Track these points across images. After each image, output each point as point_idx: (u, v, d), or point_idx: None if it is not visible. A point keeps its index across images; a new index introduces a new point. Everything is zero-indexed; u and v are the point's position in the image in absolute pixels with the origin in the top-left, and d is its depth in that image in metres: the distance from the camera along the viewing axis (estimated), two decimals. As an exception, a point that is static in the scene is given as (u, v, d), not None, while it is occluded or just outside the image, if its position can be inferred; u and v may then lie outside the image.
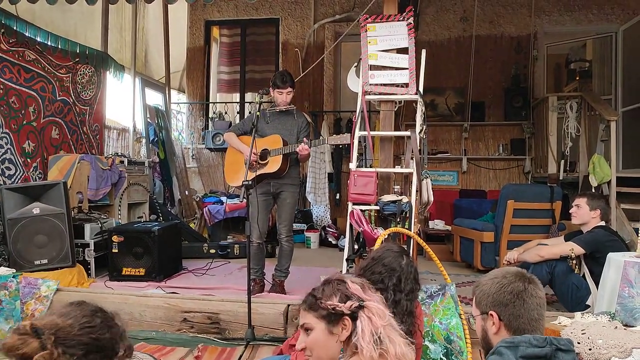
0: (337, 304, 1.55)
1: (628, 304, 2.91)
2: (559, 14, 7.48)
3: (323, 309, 1.57)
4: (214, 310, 3.53)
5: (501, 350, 1.53)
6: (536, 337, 1.56)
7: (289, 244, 4.23)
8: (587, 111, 5.88)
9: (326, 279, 1.67)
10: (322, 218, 7.08)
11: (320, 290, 1.62)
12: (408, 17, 4.16)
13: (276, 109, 4.17)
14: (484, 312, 1.69)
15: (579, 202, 3.67)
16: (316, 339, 1.59)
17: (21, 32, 4.96)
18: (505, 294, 1.65)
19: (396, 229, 3.58)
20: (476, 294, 1.74)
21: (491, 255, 5.13)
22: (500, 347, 1.55)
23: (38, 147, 5.18)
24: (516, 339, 1.55)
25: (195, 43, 8.45)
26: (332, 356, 1.59)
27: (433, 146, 7.61)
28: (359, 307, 1.54)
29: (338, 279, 1.64)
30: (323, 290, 1.61)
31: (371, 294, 1.60)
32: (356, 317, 1.54)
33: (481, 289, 1.72)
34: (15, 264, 4.08)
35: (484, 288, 1.71)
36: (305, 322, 1.62)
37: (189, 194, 7.75)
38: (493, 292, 1.67)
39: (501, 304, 1.65)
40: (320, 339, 1.58)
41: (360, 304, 1.55)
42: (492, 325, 1.66)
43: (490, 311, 1.66)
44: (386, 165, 4.24)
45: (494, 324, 1.65)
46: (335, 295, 1.58)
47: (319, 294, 1.61)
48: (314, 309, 1.60)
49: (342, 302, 1.56)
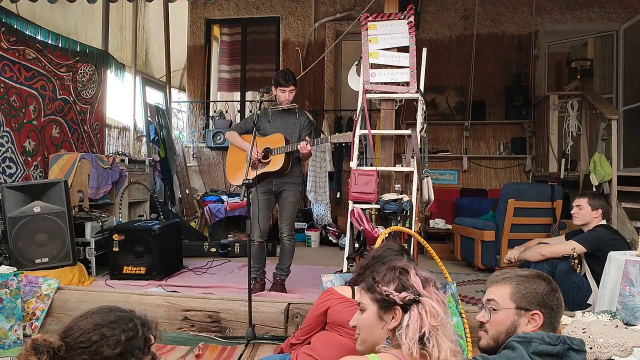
0: (392, 291, 1.51)
1: (629, 303, 2.91)
2: (560, 13, 7.47)
3: (378, 293, 1.54)
4: (214, 309, 3.53)
5: (513, 345, 1.51)
6: (549, 334, 1.54)
7: (291, 242, 4.23)
8: (588, 110, 5.87)
9: (393, 264, 1.61)
10: (322, 217, 7.09)
11: (382, 274, 1.58)
12: (409, 15, 4.16)
13: (278, 107, 4.17)
14: (524, 309, 1.63)
15: (580, 202, 3.65)
16: (366, 320, 1.57)
17: (21, 31, 4.96)
18: (554, 299, 1.63)
19: (397, 228, 3.58)
20: (515, 287, 1.66)
21: (492, 254, 5.13)
22: (512, 341, 1.53)
23: (39, 145, 5.18)
24: (529, 335, 1.53)
25: (196, 42, 8.44)
26: (377, 341, 1.56)
27: (434, 145, 7.60)
28: (413, 300, 1.49)
29: (403, 267, 1.58)
30: (384, 275, 1.57)
31: (432, 291, 1.53)
32: (408, 309, 1.49)
33: (525, 286, 1.65)
34: (16, 263, 4.08)
35: (530, 286, 1.64)
36: (361, 301, 1.61)
37: (190, 193, 7.76)
38: (544, 294, 1.63)
39: (550, 307, 1.62)
40: (369, 321, 1.56)
41: (415, 298, 1.49)
42: (527, 324, 1.61)
43: (536, 310, 1.61)
44: (387, 164, 4.24)
45: (531, 323, 1.61)
46: (394, 283, 1.53)
47: (378, 277, 1.57)
48: (370, 291, 1.57)
49: (397, 291, 1.51)
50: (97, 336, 1.39)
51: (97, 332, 1.39)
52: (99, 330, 1.40)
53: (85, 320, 1.42)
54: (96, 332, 1.39)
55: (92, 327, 1.40)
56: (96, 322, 1.41)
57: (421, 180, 3.98)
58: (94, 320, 1.42)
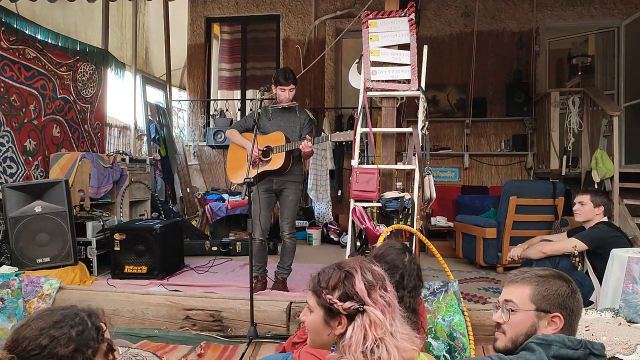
0: (336, 300, 1.45)
1: (632, 300, 2.90)
2: (561, 9, 7.45)
3: (323, 299, 1.48)
4: (216, 308, 3.53)
5: (533, 347, 1.48)
6: (570, 338, 1.51)
7: (292, 240, 4.23)
8: (589, 106, 5.85)
9: (340, 264, 1.54)
10: (323, 215, 7.08)
11: (326, 278, 1.50)
12: (409, 12, 4.15)
13: (278, 105, 4.16)
14: (545, 311, 1.59)
15: (582, 199, 3.64)
16: (313, 322, 1.52)
17: (21, 30, 4.95)
18: (575, 301, 1.60)
19: (398, 226, 3.57)
20: (537, 289, 1.61)
21: (494, 252, 5.13)
22: (531, 343, 1.49)
23: (39, 145, 5.17)
24: (549, 337, 1.50)
25: (196, 40, 8.43)
26: (326, 343, 1.52)
27: (435, 142, 7.58)
28: (357, 310, 1.43)
29: (348, 270, 1.50)
30: (329, 279, 1.49)
31: (377, 297, 1.46)
32: (353, 319, 1.44)
33: (547, 287, 1.61)
34: (18, 263, 4.09)
35: (552, 287, 1.60)
36: (308, 301, 1.55)
37: (191, 192, 7.76)
38: (565, 295, 1.59)
39: (571, 310, 1.59)
40: (316, 324, 1.51)
41: (358, 308, 1.43)
42: (547, 326, 1.58)
43: (557, 313, 1.58)
44: (388, 162, 4.23)
45: (551, 325, 1.58)
46: (338, 290, 1.46)
47: (323, 281, 1.50)
48: (316, 294, 1.51)
49: (341, 300, 1.45)
50: (47, 339, 1.37)
51: (45, 336, 1.37)
52: (46, 333, 1.38)
53: (28, 328, 1.40)
54: (44, 335, 1.37)
55: (39, 333, 1.38)
56: (41, 326, 1.39)
57: (423, 178, 3.97)
58: (38, 325, 1.39)
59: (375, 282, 1.49)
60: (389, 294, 1.50)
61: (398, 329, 1.45)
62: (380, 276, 1.53)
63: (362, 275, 1.49)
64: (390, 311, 1.46)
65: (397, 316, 1.48)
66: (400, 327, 1.46)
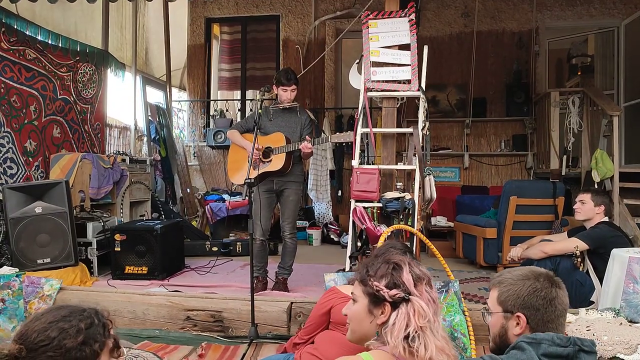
0: (383, 287, 1.50)
1: (633, 300, 2.90)
2: (561, 9, 7.45)
3: (370, 286, 1.53)
4: (217, 309, 3.52)
5: (523, 346, 1.51)
6: (559, 336, 1.53)
7: (293, 241, 4.23)
8: (589, 106, 5.86)
9: (389, 257, 1.59)
10: (324, 215, 7.08)
11: (376, 267, 1.56)
12: (409, 13, 4.15)
13: (279, 106, 4.16)
14: (509, 311, 1.64)
15: (583, 197, 3.64)
16: (357, 312, 1.57)
17: (22, 31, 4.95)
18: (538, 298, 1.61)
19: (399, 226, 3.57)
20: (500, 291, 1.68)
21: (494, 252, 5.13)
22: (521, 342, 1.52)
23: (39, 146, 5.17)
24: (538, 336, 1.53)
25: (196, 40, 8.43)
26: (366, 333, 1.56)
27: (435, 142, 7.59)
28: (402, 299, 1.48)
29: (397, 262, 1.55)
30: (378, 268, 1.55)
31: (423, 290, 1.51)
32: (397, 307, 1.48)
33: (508, 288, 1.66)
34: (18, 263, 4.09)
35: (512, 288, 1.65)
36: (354, 292, 1.60)
37: (191, 192, 7.76)
38: (524, 295, 1.62)
39: (532, 307, 1.61)
40: (359, 313, 1.56)
41: (404, 297, 1.48)
42: (515, 326, 1.62)
43: (518, 313, 1.61)
44: (389, 162, 4.23)
45: (519, 325, 1.61)
46: (385, 278, 1.51)
47: (372, 270, 1.56)
48: (363, 283, 1.56)
49: (388, 287, 1.50)
50: (56, 331, 1.38)
51: (54, 328, 1.39)
52: (55, 325, 1.39)
53: (37, 321, 1.42)
54: (52, 328, 1.39)
55: (47, 325, 1.39)
56: (49, 320, 1.41)
57: (423, 178, 3.97)
58: (47, 319, 1.41)
59: (423, 277, 1.54)
60: (433, 292, 1.55)
61: (440, 328, 1.49)
62: (428, 274, 1.57)
63: (410, 268, 1.54)
64: (434, 307, 1.50)
65: (440, 316, 1.53)
66: (442, 329, 1.51)
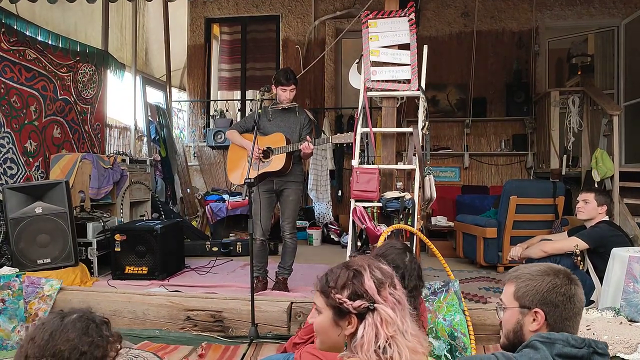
0: (345, 300, 1.42)
1: (633, 299, 2.90)
2: (561, 9, 7.45)
3: (332, 299, 1.45)
4: (217, 309, 3.52)
5: (536, 345, 1.49)
6: (574, 336, 1.51)
7: (293, 240, 4.23)
8: (589, 106, 5.86)
9: (347, 263, 1.51)
10: (324, 215, 7.08)
11: (335, 278, 1.47)
12: (409, 12, 4.15)
13: (278, 106, 4.16)
14: (526, 307, 1.62)
15: (587, 197, 3.63)
16: (322, 323, 1.49)
17: (22, 32, 4.95)
18: (558, 295, 1.59)
19: (399, 226, 3.57)
20: (518, 286, 1.65)
21: (494, 251, 5.13)
22: (535, 340, 1.50)
23: (40, 146, 5.17)
24: (553, 336, 1.51)
25: (196, 41, 8.43)
26: (336, 344, 1.49)
27: (435, 142, 7.58)
28: (367, 309, 1.41)
29: (357, 268, 1.47)
30: (337, 278, 1.46)
31: (387, 295, 1.44)
32: (363, 318, 1.41)
33: (527, 283, 1.63)
34: (18, 264, 4.08)
35: (531, 283, 1.63)
36: (316, 303, 1.52)
37: (191, 192, 7.76)
38: (543, 290, 1.60)
39: (551, 304, 1.59)
40: (325, 325, 1.48)
41: (369, 307, 1.41)
42: (532, 322, 1.60)
43: (536, 308, 1.59)
44: (388, 162, 4.23)
45: (536, 321, 1.60)
46: (347, 289, 1.44)
47: (332, 281, 1.47)
48: (324, 294, 1.48)
49: (351, 299, 1.42)
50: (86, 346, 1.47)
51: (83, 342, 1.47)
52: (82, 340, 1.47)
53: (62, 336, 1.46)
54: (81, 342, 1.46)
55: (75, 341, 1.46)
56: (73, 335, 1.47)
57: (423, 177, 3.97)
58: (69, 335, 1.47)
59: (385, 280, 1.47)
60: (398, 291, 1.48)
61: (409, 328, 1.43)
62: (389, 274, 1.51)
63: (371, 273, 1.47)
64: (400, 309, 1.44)
65: (407, 315, 1.47)
66: (410, 327, 1.45)
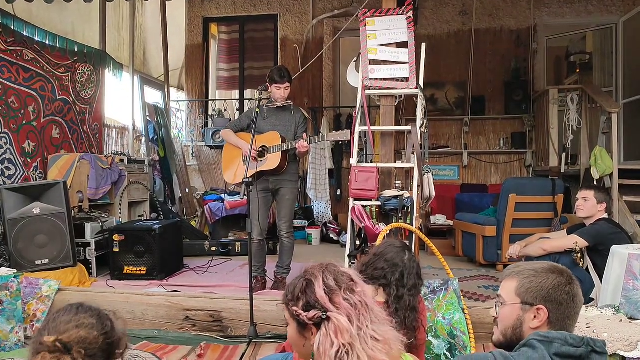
0: (301, 312, 1.41)
1: (633, 297, 2.90)
2: (559, 6, 7.45)
3: (290, 311, 1.45)
4: (216, 309, 3.52)
5: (534, 344, 1.47)
6: (572, 335, 1.50)
7: (290, 240, 4.22)
8: (588, 104, 5.85)
9: (304, 271, 1.49)
10: (323, 214, 7.08)
11: (292, 289, 1.47)
12: (407, 10, 4.14)
13: (273, 104, 4.15)
14: (528, 303, 1.60)
15: (586, 194, 3.62)
16: (291, 335, 1.50)
17: (19, 32, 4.94)
18: (563, 293, 1.58)
19: (398, 225, 3.56)
20: (521, 282, 1.62)
21: (493, 250, 5.12)
22: (532, 339, 1.49)
23: (38, 146, 5.16)
24: (551, 334, 1.49)
25: (194, 40, 8.42)
26: (307, 355, 1.49)
27: (434, 141, 7.59)
28: (321, 318, 1.38)
29: (309, 278, 1.45)
30: (294, 290, 1.46)
31: (341, 301, 1.40)
32: (320, 327, 1.39)
33: (531, 280, 1.61)
34: (16, 264, 4.08)
35: (536, 280, 1.61)
36: (285, 314, 1.50)
37: (190, 192, 7.75)
38: (548, 287, 1.59)
39: (556, 301, 1.58)
40: (293, 336, 1.48)
41: (322, 316, 1.38)
42: (533, 319, 1.58)
43: (540, 305, 1.58)
44: (387, 161, 4.22)
45: (537, 318, 1.58)
46: (301, 299, 1.42)
47: (289, 293, 1.47)
48: (286, 307, 1.48)
49: (305, 310, 1.41)
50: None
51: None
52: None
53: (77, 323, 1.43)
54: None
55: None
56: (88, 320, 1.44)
57: (422, 176, 3.96)
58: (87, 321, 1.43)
59: (338, 286, 1.42)
60: (356, 295, 1.43)
61: (370, 332, 1.38)
62: (346, 278, 1.46)
63: (323, 281, 1.43)
64: (357, 314, 1.39)
65: (372, 317, 1.42)
66: (378, 329, 1.40)
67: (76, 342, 1.36)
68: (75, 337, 1.36)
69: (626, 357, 2.51)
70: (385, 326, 1.44)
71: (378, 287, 2.22)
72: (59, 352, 1.32)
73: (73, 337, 1.36)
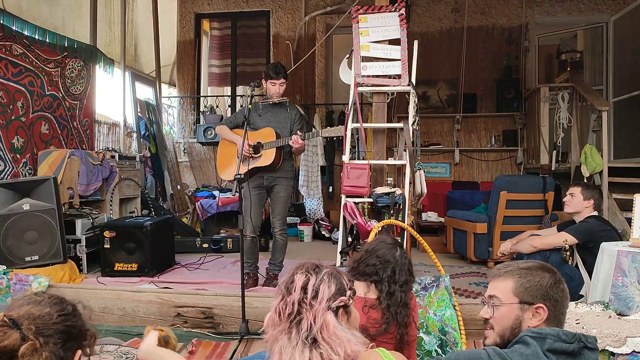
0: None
1: (622, 293, 2.92)
2: (550, 5, 7.49)
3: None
4: (207, 305, 3.52)
5: (527, 340, 1.48)
6: (565, 331, 1.50)
7: (283, 237, 4.22)
8: (578, 102, 5.90)
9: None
10: (315, 211, 7.08)
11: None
12: (399, 8, 4.15)
13: (269, 101, 4.14)
14: (527, 303, 1.59)
15: (573, 190, 3.67)
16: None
17: (8, 26, 4.88)
18: (559, 291, 1.60)
19: (390, 221, 3.57)
20: (519, 281, 1.61)
21: (484, 247, 5.14)
22: (525, 336, 1.49)
23: (27, 142, 5.12)
24: (544, 331, 1.50)
25: (186, 36, 8.38)
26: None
27: (425, 138, 7.61)
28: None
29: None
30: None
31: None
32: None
33: (529, 279, 1.61)
34: (6, 261, 4.04)
35: (534, 279, 1.61)
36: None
37: (181, 189, 7.72)
38: (547, 286, 1.59)
39: (554, 300, 1.58)
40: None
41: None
42: (532, 318, 1.58)
43: (540, 304, 1.58)
44: (379, 158, 4.23)
45: (536, 317, 1.58)
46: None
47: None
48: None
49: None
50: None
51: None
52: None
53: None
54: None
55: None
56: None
57: (414, 173, 3.98)
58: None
59: (281, 310, 1.53)
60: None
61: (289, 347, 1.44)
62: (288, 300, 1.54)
63: (279, 293, 1.59)
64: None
65: (290, 341, 1.45)
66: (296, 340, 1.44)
67: (26, 317, 1.30)
68: (25, 313, 1.32)
69: (615, 353, 2.53)
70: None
71: (370, 284, 2.23)
72: (6, 326, 1.27)
73: (23, 313, 1.32)
